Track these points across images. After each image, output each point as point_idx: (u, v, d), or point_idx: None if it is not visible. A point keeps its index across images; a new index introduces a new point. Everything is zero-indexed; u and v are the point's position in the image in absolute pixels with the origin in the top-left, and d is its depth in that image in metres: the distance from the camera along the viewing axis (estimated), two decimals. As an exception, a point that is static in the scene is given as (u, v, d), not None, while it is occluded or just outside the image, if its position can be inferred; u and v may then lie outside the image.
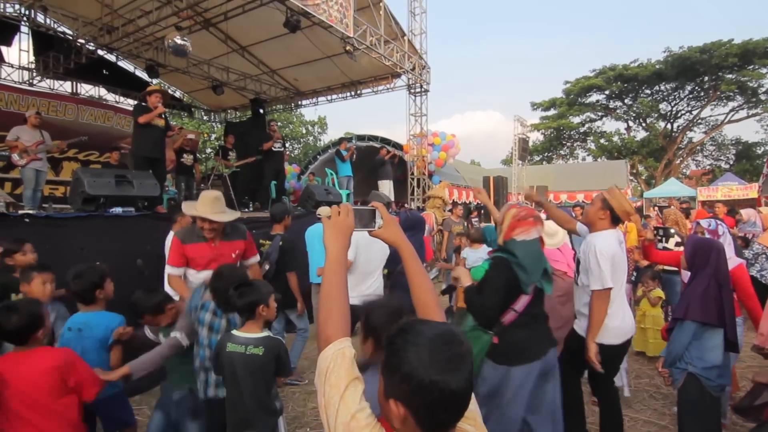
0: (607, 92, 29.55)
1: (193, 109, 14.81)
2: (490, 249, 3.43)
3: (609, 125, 55.89)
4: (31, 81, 10.94)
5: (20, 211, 3.95)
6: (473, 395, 0.93)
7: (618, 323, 2.66)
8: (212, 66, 11.35)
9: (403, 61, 10.29)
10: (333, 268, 1.12)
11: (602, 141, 32.74)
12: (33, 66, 10.69)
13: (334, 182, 10.21)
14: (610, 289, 2.57)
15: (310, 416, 3.61)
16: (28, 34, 10.23)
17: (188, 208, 3.07)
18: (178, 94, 14.15)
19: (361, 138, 14.52)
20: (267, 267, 3.80)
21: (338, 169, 9.77)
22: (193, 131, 11.86)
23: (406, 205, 10.95)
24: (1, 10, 9.03)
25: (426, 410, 0.82)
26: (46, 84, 11.14)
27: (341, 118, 54.27)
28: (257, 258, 3.37)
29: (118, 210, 4.33)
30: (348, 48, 8.83)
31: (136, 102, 10.88)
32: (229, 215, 3.04)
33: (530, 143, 24.73)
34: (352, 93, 12.30)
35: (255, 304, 2.18)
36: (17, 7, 9.40)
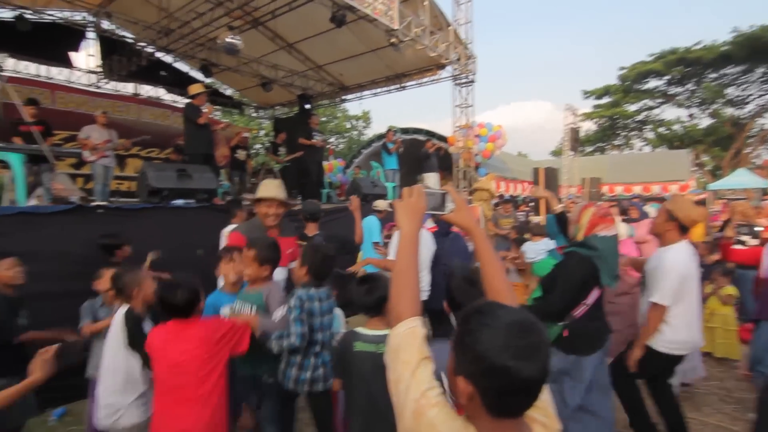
0: (667, 77, 27.65)
1: (243, 107, 15.35)
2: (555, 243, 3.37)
3: (669, 113, 52.30)
4: (97, 84, 11.75)
5: (94, 203, 4.26)
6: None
7: (684, 336, 2.62)
8: (261, 64, 11.69)
9: (449, 52, 10.12)
10: (406, 247, 1.12)
11: (661, 130, 30.75)
12: (99, 69, 11.46)
13: (380, 175, 10.25)
14: (664, 306, 2.56)
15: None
16: (95, 39, 11.00)
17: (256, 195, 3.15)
18: (229, 92, 14.71)
19: (405, 131, 14.48)
20: None
21: (384, 162, 9.79)
22: (245, 128, 12.32)
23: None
24: (70, 18, 9.74)
25: (494, 393, 0.83)
26: (110, 86, 11.93)
27: (384, 112, 54.51)
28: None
29: (179, 202, 4.57)
30: (393, 41, 8.80)
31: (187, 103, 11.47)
32: (286, 198, 3.11)
33: (582, 133, 23.67)
34: (397, 86, 12.26)
35: (384, 300, 2.02)
36: (84, 15, 10.10)
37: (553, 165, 14.11)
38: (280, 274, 2.99)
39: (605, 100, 30.54)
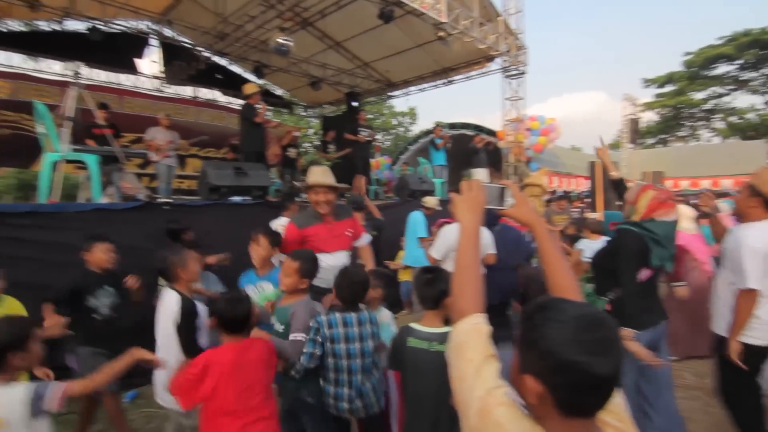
0: (739, 62, 25.46)
1: (292, 106, 15.77)
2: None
3: (741, 100, 48.10)
4: (160, 88, 12.50)
5: (158, 200, 4.54)
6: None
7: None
8: (310, 63, 11.94)
9: (498, 43, 9.85)
10: (467, 242, 1.10)
11: (733, 119, 28.33)
12: (162, 75, 12.19)
13: (427, 171, 10.18)
14: (755, 290, 2.30)
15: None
16: (157, 47, 11.70)
17: (304, 183, 3.25)
18: (279, 92, 15.15)
19: (452, 126, 14.30)
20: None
21: (432, 158, 9.70)
22: (295, 127, 12.67)
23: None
24: (135, 27, 10.40)
25: (566, 391, 0.79)
26: (172, 90, 12.66)
27: (431, 107, 53.97)
28: (368, 236, 3.34)
29: (236, 198, 4.77)
30: (441, 34, 8.69)
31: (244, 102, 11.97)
32: (335, 183, 3.07)
33: (642, 124, 22.28)
34: (444, 80, 12.11)
35: (444, 295, 1.98)
36: (147, 23, 10.75)
37: (611, 158, 13.34)
38: (343, 258, 3.04)
39: (668, 88, 28.55)
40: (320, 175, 3.03)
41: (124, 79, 11.83)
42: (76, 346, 2.78)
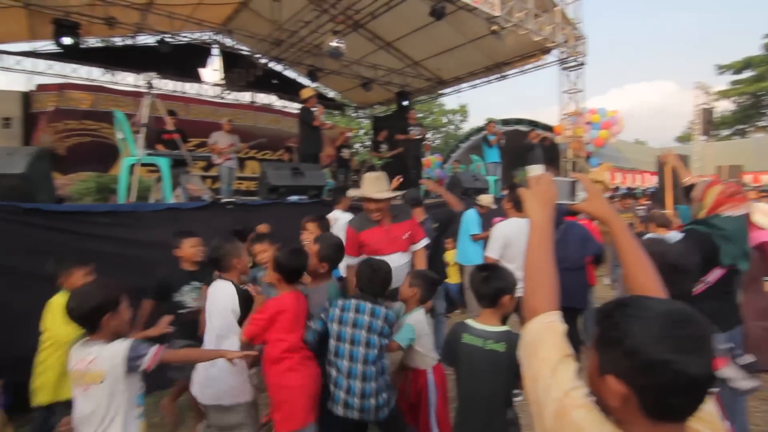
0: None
1: (344, 107, 16.06)
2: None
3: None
4: (221, 95, 13.20)
5: (223, 200, 4.80)
6: None
7: None
8: (361, 65, 12.10)
9: (555, 35, 9.46)
10: (539, 238, 1.06)
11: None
12: (222, 82, 12.86)
13: (480, 168, 9.98)
14: None
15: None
16: (218, 56, 12.35)
17: (353, 191, 3.30)
18: (331, 94, 15.49)
19: (506, 122, 13.92)
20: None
21: (485, 155, 9.48)
22: (348, 128, 12.90)
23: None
24: (199, 38, 11.04)
25: (654, 393, 0.74)
26: (231, 96, 13.33)
27: (482, 104, 52.76)
28: (425, 241, 3.32)
29: (294, 198, 4.93)
30: (494, 28, 8.48)
31: (299, 105, 12.39)
32: (389, 194, 3.05)
33: (716, 114, 20.51)
34: (497, 76, 11.82)
35: (501, 292, 1.97)
36: (209, 34, 11.38)
37: (681, 152, 12.44)
38: (399, 259, 3.04)
39: (746, 74, 26.09)
40: (372, 185, 3.02)
41: (189, 88, 12.60)
42: (171, 339, 2.92)
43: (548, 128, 12.03)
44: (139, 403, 1.80)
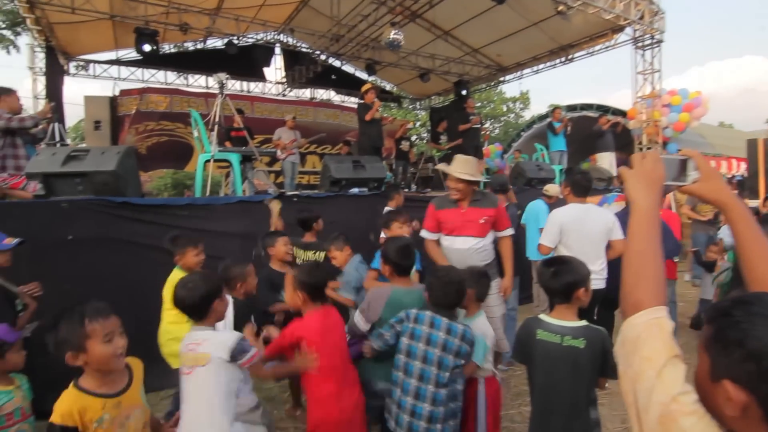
0: None
1: (401, 100, 16.03)
2: None
3: None
4: (283, 93, 13.67)
5: (289, 192, 4.99)
6: None
7: None
8: (419, 55, 11.98)
9: (629, 11, 8.76)
10: (643, 224, 0.95)
11: None
12: (284, 80, 13.31)
13: (544, 157, 9.55)
14: None
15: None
16: (280, 55, 12.80)
17: (441, 166, 3.44)
18: (388, 87, 15.52)
19: (571, 108, 13.16)
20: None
21: (550, 144, 9.05)
22: (407, 120, 12.89)
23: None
24: (264, 38, 11.49)
25: None
26: (293, 94, 13.78)
27: (544, 91, 50.28)
28: (510, 231, 3.28)
29: (355, 190, 5.01)
30: (560, 8, 8.03)
31: (357, 100, 12.56)
32: (467, 176, 3.08)
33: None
34: (562, 59, 11.21)
35: (574, 286, 1.88)
36: (273, 34, 11.80)
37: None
38: (472, 243, 3.08)
39: None
40: (459, 165, 3.13)
41: (254, 87, 13.18)
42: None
43: (620, 113, 11.23)
44: (241, 395, 1.88)
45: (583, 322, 1.88)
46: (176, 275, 2.71)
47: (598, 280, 3.13)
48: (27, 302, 2.60)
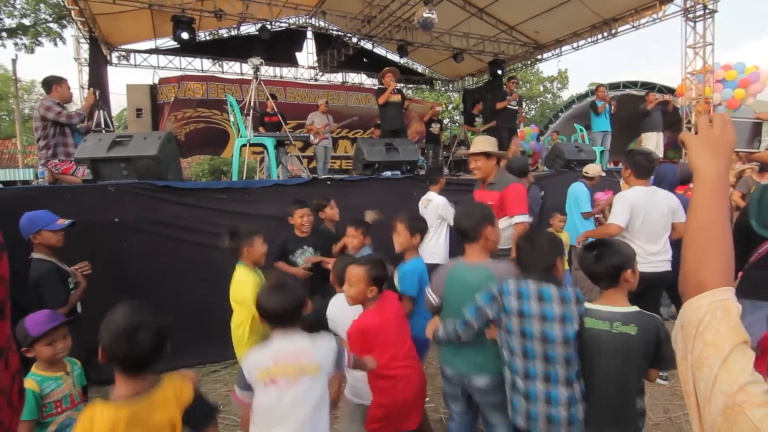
0: None
1: (433, 82, 15.73)
2: None
3: None
4: (315, 78, 13.69)
5: (322, 176, 5.01)
6: None
7: None
8: (452, 35, 11.66)
9: (680, -21, 8.19)
10: (710, 195, 0.87)
11: None
12: (315, 65, 13.30)
13: (584, 138, 9.17)
14: None
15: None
16: (311, 39, 12.78)
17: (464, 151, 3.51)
18: (420, 69, 15.24)
19: (614, 86, 12.53)
20: (530, 219, 3.69)
21: (593, 124, 8.64)
22: (437, 103, 12.64)
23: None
24: (295, 23, 11.48)
25: None
26: (324, 78, 13.76)
27: (582, 69, 47.93)
28: (521, 218, 3.20)
29: (387, 173, 4.97)
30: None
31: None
32: (478, 148, 3.25)
33: None
34: (605, 34, 10.62)
35: (620, 269, 1.78)
36: (304, 18, 11.77)
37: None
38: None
39: None
40: (476, 143, 3.27)
41: (286, 72, 13.26)
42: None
43: (668, 90, 10.61)
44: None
45: (635, 308, 1.79)
46: (243, 273, 2.59)
47: (662, 262, 3.16)
48: (78, 280, 2.74)
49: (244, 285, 2.52)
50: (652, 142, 8.26)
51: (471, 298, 1.95)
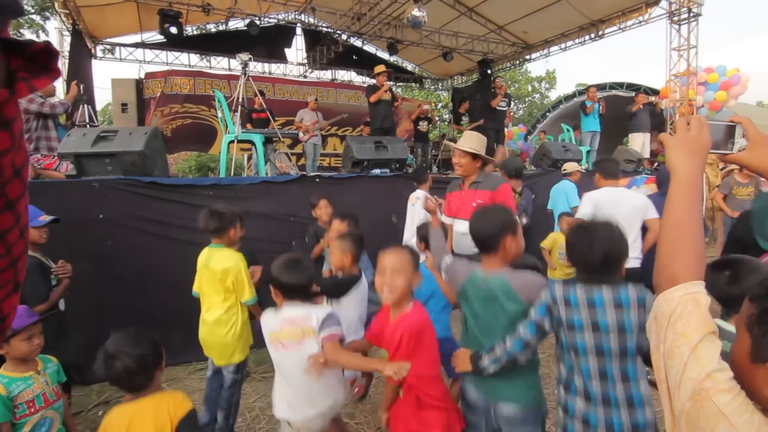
0: None
1: (423, 80, 15.76)
2: None
3: None
4: (304, 74, 13.61)
5: (310, 174, 5.00)
6: None
7: None
8: (442, 34, 11.70)
9: (665, -18, 8.33)
10: (684, 193, 0.91)
11: None
12: (305, 61, 13.22)
13: (573, 139, 9.28)
14: None
15: None
16: (301, 35, 12.69)
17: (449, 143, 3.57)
18: (410, 67, 15.25)
19: (600, 87, 12.68)
20: (524, 221, 3.71)
21: (582, 124, 8.75)
22: (425, 101, 12.67)
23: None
24: (284, 18, 11.39)
25: None
26: (314, 75, 13.70)
27: (569, 69, 48.50)
28: None
29: (377, 171, 4.98)
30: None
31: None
32: (465, 147, 3.04)
33: None
34: (592, 35, 10.76)
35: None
36: (294, 14, 11.68)
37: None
38: (462, 226, 2.93)
39: None
40: (462, 139, 3.12)
41: (275, 68, 13.16)
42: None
43: (652, 92, 10.78)
44: None
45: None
46: (232, 256, 2.50)
47: (633, 259, 3.23)
48: (60, 277, 2.70)
49: (238, 269, 2.46)
50: (639, 142, 8.40)
51: (498, 311, 1.71)
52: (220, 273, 2.47)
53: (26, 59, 0.41)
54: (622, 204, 3.28)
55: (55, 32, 10.39)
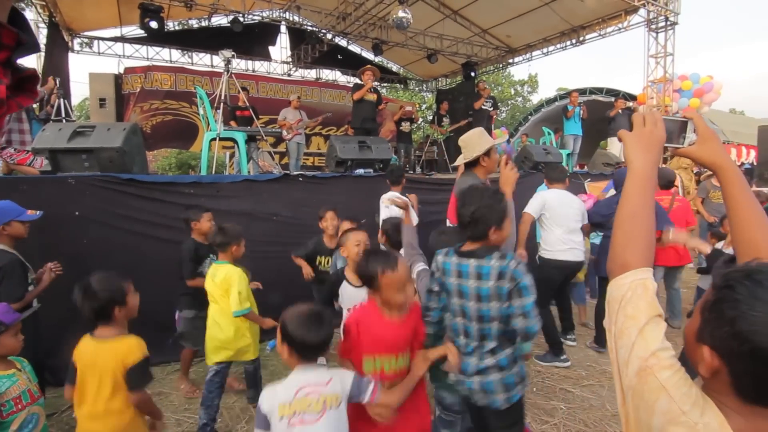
0: None
1: (407, 81, 15.82)
2: None
3: None
4: (288, 73, 13.51)
5: (293, 173, 4.96)
6: None
7: None
8: (427, 36, 11.78)
9: (643, -9, 8.55)
10: (638, 185, 0.95)
11: None
12: (289, 60, 13.13)
13: (553, 142, 9.44)
14: None
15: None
16: (285, 33, 12.59)
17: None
18: (395, 68, 15.29)
19: (581, 92, 12.94)
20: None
21: (565, 128, 8.93)
22: (408, 102, 12.72)
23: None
24: (268, 16, 11.29)
25: (752, 380, 0.69)
26: (298, 74, 13.60)
27: (552, 74, 49.33)
28: None
29: (360, 171, 4.98)
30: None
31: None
32: (458, 161, 3.12)
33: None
34: (573, 41, 10.98)
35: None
36: (278, 12, 11.59)
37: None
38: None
39: None
40: (464, 140, 3.12)
41: (258, 66, 13.03)
42: (183, 308, 3.30)
43: (630, 97, 11.06)
44: None
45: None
46: (236, 272, 2.71)
47: (577, 251, 3.85)
48: (38, 278, 2.63)
49: (231, 283, 2.66)
50: (617, 146, 8.60)
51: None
52: (219, 283, 2.73)
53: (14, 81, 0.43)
54: (568, 204, 3.91)
55: (31, 24, 10.07)
